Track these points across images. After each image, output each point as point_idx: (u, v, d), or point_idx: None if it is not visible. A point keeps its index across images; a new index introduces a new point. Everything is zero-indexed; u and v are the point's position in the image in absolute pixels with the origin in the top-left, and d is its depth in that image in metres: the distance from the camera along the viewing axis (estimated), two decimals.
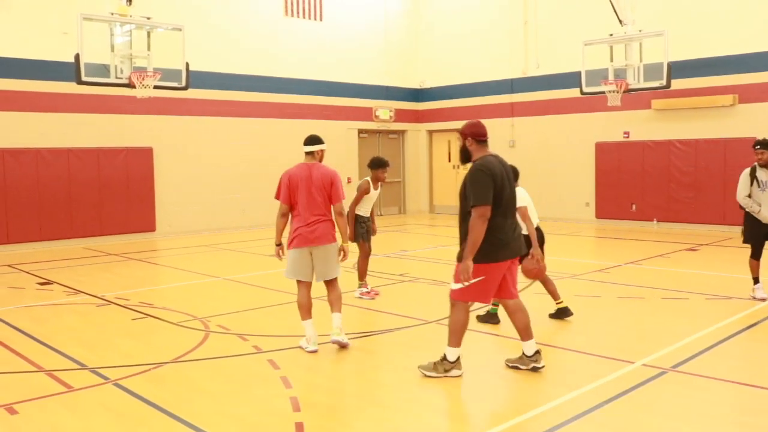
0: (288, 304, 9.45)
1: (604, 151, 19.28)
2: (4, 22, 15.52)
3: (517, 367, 6.38)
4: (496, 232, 5.95)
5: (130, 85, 12.84)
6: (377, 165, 10.01)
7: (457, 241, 6.24)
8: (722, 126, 17.16)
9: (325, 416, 5.33)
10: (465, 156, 6.21)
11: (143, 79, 12.74)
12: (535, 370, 6.29)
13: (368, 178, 10.09)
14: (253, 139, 19.79)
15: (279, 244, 7.23)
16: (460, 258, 6.05)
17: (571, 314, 8.18)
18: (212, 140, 18.96)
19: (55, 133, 16.13)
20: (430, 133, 24.54)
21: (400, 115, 23.88)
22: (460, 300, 6.15)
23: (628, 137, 18.86)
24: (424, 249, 15.21)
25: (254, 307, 9.30)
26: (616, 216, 19.05)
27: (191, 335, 7.81)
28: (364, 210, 10.05)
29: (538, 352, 6.34)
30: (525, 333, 6.35)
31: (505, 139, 21.76)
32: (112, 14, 12.62)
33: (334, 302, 7.29)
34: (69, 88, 15.28)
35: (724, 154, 17.06)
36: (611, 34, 15.31)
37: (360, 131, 22.79)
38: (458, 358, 6.20)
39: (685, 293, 9.68)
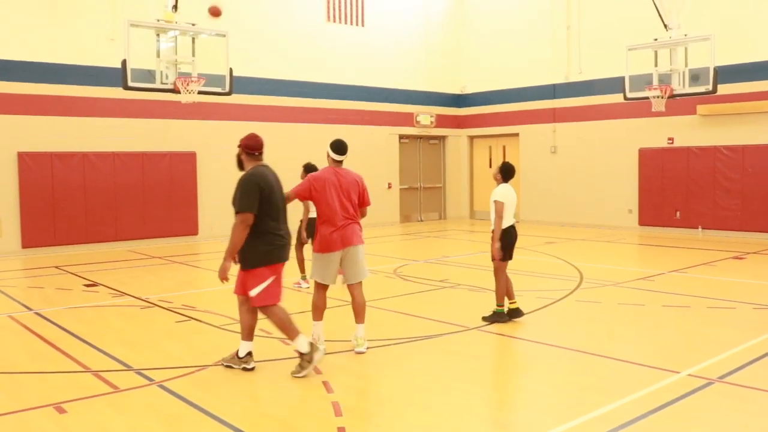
0: (329, 309, 9.46)
1: (647, 157, 19.03)
2: (53, 29, 15.88)
3: (230, 366, 6.67)
4: (273, 235, 6.49)
5: (175, 91, 13.00)
6: (313, 168, 10.67)
7: None
8: None
9: (366, 421, 5.34)
10: (239, 164, 6.82)
11: (188, 84, 12.91)
12: (245, 370, 6.58)
13: None
14: (294, 144, 19.88)
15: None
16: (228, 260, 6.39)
17: (520, 315, 8.54)
18: None
19: (102, 137, 16.43)
20: (471, 138, 24.46)
21: (441, 121, 23.86)
22: (263, 305, 6.49)
23: (672, 143, 18.59)
24: (464, 255, 15.14)
25: (295, 311, 9.32)
26: (659, 223, 18.78)
27: (234, 338, 7.85)
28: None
29: (250, 353, 6.66)
30: (249, 333, 6.69)
31: (546, 145, 21.63)
32: (158, 21, 12.81)
33: (360, 311, 7.38)
34: (115, 93, 15.58)
35: None
36: (656, 39, 15.13)
37: (401, 136, 22.83)
38: (249, 353, 6.62)
39: (732, 302, 9.50)
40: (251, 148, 6.73)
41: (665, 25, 15.04)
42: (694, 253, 14.69)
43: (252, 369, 6.60)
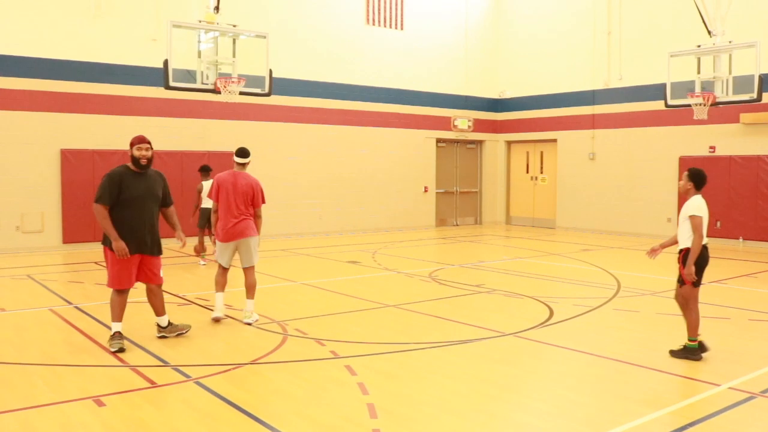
0: (365, 311, 9.53)
1: (688, 165, 18.59)
2: (97, 30, 16.15)
3: (164, 336, 7.81)
4: (117, 226, 7.26)
5: (215, 91, 13.12)
6: (206, 169, 13.99)
7: (532, 252, 6.17)
8: None
9: (401, 424, 5.32)
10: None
11: (228, 85, 13.02)
12: (163, 337, 7.77)
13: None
14: (332, 146, 20.03)
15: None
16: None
17: (705, 351, 7.16)
18: (292, 146, 19.25)
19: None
20: (509, 143, 24.34)
21: (479, 125, 23.78)
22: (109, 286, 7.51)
23: (714, 152, 18.31)
24: (500, 260, 15.07)
25: (331, 312, 9.38)
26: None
27: (269, 338, 7.93)
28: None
29: (170, 323, 7.85)
30: (159, 310, 7.80)
31: (584, 152, 21.44)
32: (200, 21, 12.95)
33: (249, 289, 8.74)
34: (157, 92, 15.80)
35: None
36: (699, 45, 14.91)
37: (438, 140, 22.80)
38: (117, 333, 7.35)
39: None
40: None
41: (709, 32, 14.83)
42: (734, 264, 14.44)
43: (118, 350, 7.23)
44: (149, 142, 7.58)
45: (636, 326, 8.79)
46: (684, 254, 7.28)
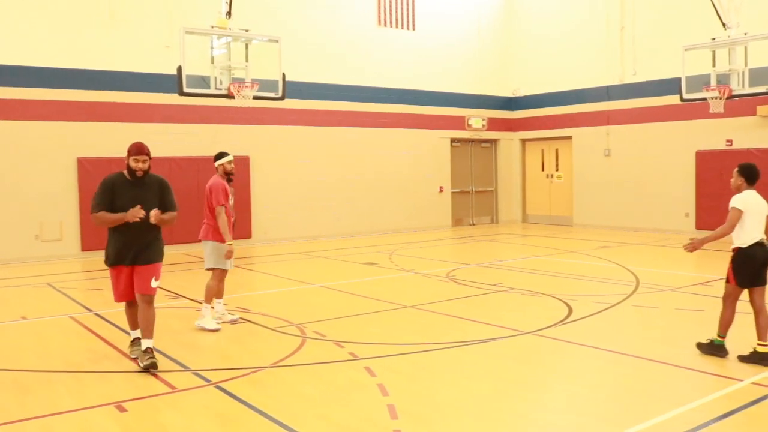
0: (383, 312, 9.53)
1: (705, 159, 18.60)
2: (111, 38, 16.25)
3: (136, 359, 7.02)
4: (110, 238, 6.90)
5: (229, 96, 13.15)
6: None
7: (549, 250, 6.14)
8: None
9: (422, 425, 5.31)
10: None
11: (241, 89, 13.05)
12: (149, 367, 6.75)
13: None
14: (346, 148, 20.04)
15: None
16: None
17: None
18: (307, 149, 19.29)
19: (159, 142, 16.69)
20: (523, 141, 24.26)
21: (493, 124, 23.72)
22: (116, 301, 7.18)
23: (731, 145, 18.16)
24: (517, 259, 15.02)
25: (349, 314, 9.39)
26: (717, 227, 18.28)
27: (288, 340, 7.94)
28: None
29: (148, 350, 6.79)
30: (143, 330, 6.87)
31: (600, 148, 21.33)
32: (213, 27, 13.00)
33: (205, 290, 8.77)
34: (171, 99, 15.86)
35: None
36: (714, 38, 14.79)
37: (452, 140, 22.76)
38: (136, 339, 7.15)
39: None
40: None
41: (723, 24, 14.71)
42: None
43: (148, 364, 6.78)
44: (148, 153, 7.09)
45: (655, 322, 8.73)
46: (735, 252, 7.23)
